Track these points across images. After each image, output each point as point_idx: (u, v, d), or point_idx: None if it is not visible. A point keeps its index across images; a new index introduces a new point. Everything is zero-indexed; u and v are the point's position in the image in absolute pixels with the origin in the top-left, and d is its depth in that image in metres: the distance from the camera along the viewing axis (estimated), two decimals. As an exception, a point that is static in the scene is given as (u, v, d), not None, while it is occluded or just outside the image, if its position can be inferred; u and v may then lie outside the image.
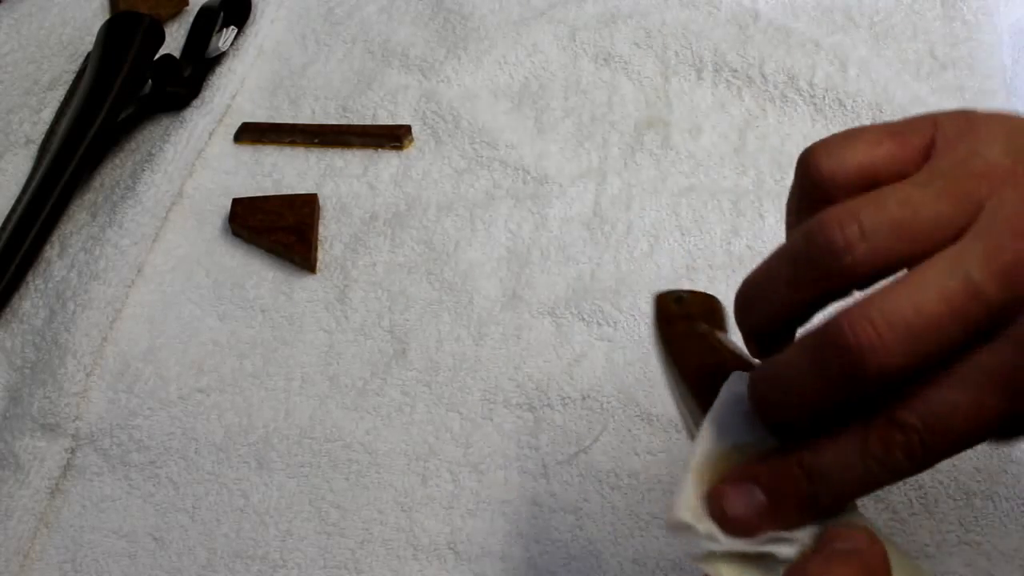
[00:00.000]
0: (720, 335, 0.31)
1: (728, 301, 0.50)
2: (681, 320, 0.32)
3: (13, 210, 0.55)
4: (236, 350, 0.50)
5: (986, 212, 0.24)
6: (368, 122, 0.60)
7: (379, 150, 0.59)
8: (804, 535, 0.25)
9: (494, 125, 0.59)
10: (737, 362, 0.30)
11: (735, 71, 0.60)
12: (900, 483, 0.43)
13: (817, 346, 0.24)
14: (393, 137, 0.58)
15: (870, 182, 0.26)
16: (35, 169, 0.58)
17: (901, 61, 0.60)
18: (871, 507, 0.43)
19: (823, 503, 0.25)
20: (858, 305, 0.24)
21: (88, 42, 0.65)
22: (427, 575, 0.43)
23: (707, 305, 0.32)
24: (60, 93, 0.63)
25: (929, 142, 0.26)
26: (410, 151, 0.58)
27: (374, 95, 0.61)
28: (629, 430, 0.46)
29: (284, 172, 0.58)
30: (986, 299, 0.23)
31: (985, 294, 0.23)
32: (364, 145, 0.59)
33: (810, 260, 0.25)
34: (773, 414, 0.26)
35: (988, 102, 0.57)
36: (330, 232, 0.55)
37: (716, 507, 0.26)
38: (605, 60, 0.62)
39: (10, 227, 0.54)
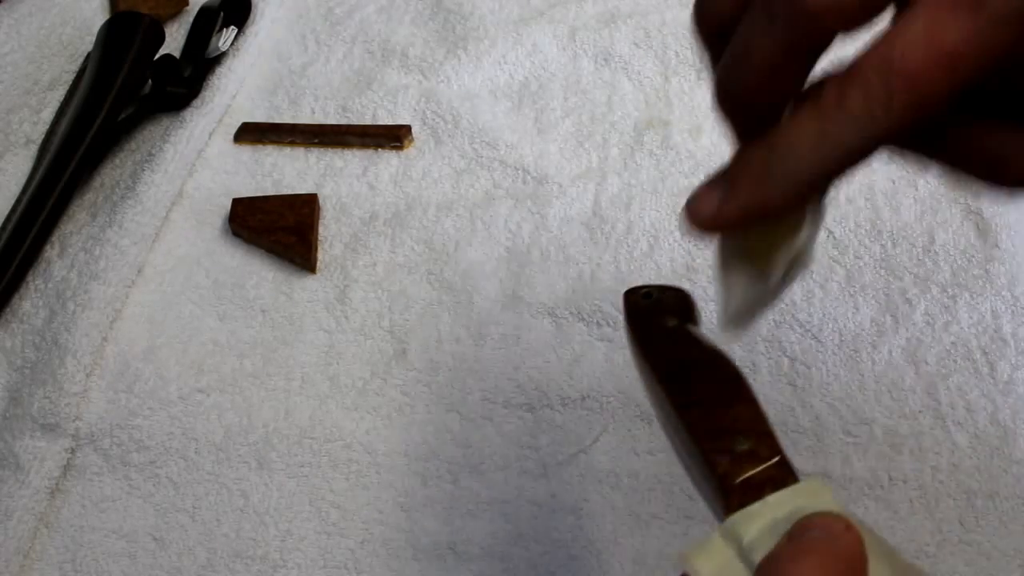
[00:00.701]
0: (691, 328, 0.31)
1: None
2: (651, 316, 0.32)
3: (13, 210, 0.55)
4: (236, 350, 0.50)
5: None
6: (368, 122, 0.60)
7: (379, 150, 0.59)
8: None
9: (494, 125, 0.59)
10: (707, 354, 0.30)
11: (735, 71, 0.60)
12: (900, 483, 0.43)
13: (766, 9, 0.22)
14: (393, 137, 0.58)
15: None
16: (35, 169, 0.58)
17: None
18: (872, 507, 0.43)
19: (782, 173, 0.23)
20: None
21: (88, 42, 0.65)
22: (427, 575, 0.43)
23: (677, 299, 0.32)
24: (60, 93, 0.63)
25: None
26: (410, 151, 0.58)
27: (374, 95, 0.61)
28: (629, 430, 0.46)
29: (284, 172, 0.58)
30: None
31: None
32: (364, 145, 0.59)
33: None
34: (736, 97, 0.24)
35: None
36: (330, 232, 0.55)
37: (688, 210, 0.25)
38: (605, 60, 0.62)
39: (10, 227, 0.54)
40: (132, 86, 0.60)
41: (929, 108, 0.21)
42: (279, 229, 0.54)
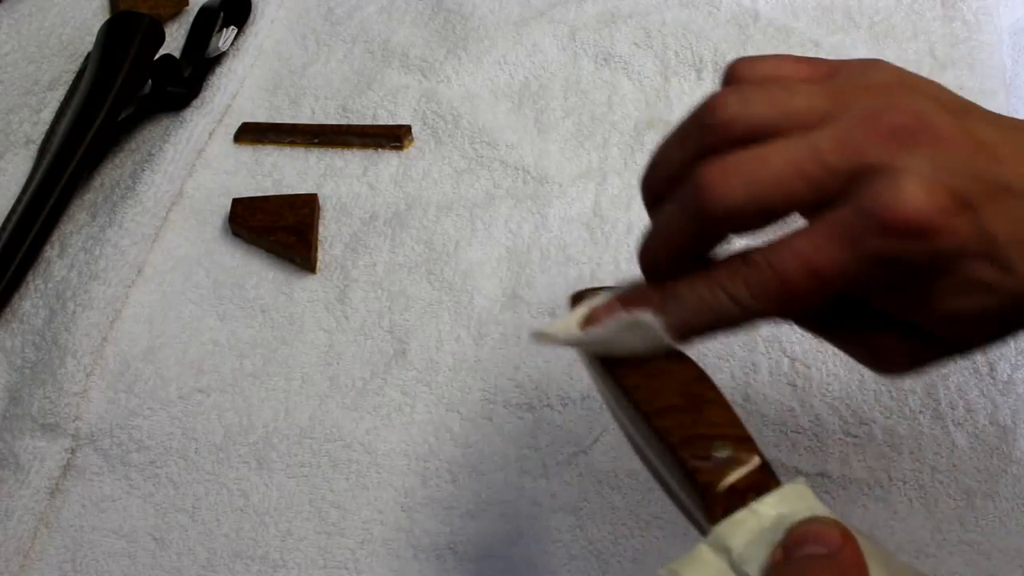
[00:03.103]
0: None
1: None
2: None
3: (13, 210, 0.55)
4: (236, 350, 0.50)
5: (852, 108, 0.27)
6: (368, 122, 0.60)
7: (379, 150, 0.59)
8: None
9: (494, 125, 0.59)
10: (668, 356, 0.30)
11: (735, 71, 0.60)
12: (900, 483, 0.43)
13: (682, 189, 0.27)
14: (393, 137, 0.58)
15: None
16: (35, 169, 0.58)
17: (901, 61, 0.59)
18: (871, 506, 0.43)
19: (670, 319, 0.28)
20: (719, 156, 0.27)
21: (88, 42, 0.65)
22: (427, 575, 0.43)
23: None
24: (60, 93, 0.63)
25: (835, 69, 0.29)
26: (410, 151, 0.58)
27: (374, 95, 0.61)
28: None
29: (284, 172, 0.58)
30: (827, 164, 0.26)
31: (827, 160, 0.26)
32: (364, 145, 0.59)
33: (694, 120, 0.28)
34: (651, 263, 0.29)
35: (988, 102, 0.56)
36: (330, 232, 0.55)
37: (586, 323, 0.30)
38: (605, 60, 0.62)
39: (10, 227, 0.54)
40: (132, 86, 0.60)
41: (795, 305, 0.26)
42: (279, 229, 0.54)
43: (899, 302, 0.28)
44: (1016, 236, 0.26)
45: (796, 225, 0.27)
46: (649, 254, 0.29)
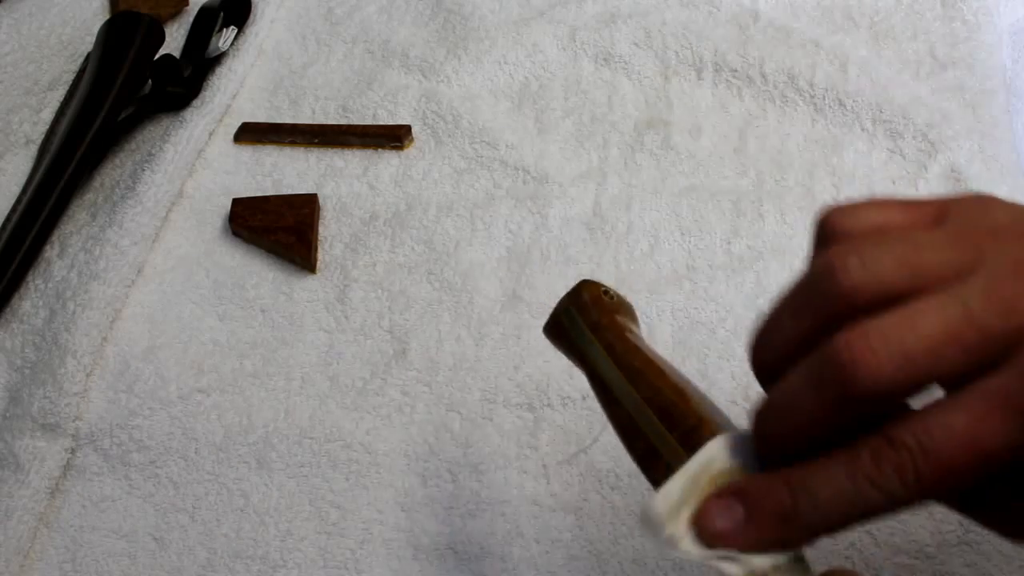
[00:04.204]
0: (640, 335, 0.32)
1: (730, 300, 0.50)
2: (611, 313, 0.32)
3: (13, 210, 0.55)
4: (236, 350, 0.50)
5: (989, 258, 0.24)
6: (368, 122, 0.60)
7: (379, 150, 0.59)
8: (764, 561, 0.25)
9: (494, 125, 0.59)
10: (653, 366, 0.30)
11: (735, 71, 0.60)
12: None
13: (814, 363, 0.24)
14: (393, 137, 0.58)
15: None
16: (35, 169, 0.58)
17: (901, 61, 0.60)
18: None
19: (804, 521, 0.24)
20: (857, 325, 0.24)
21: (88, 42, 0.65)
22: (427, 575, 0.43)
23: (626, 306, 0.33)
24: (60, 93, 0.63)
25: (943, 209, 0.27)
26: (410, 151, 0.58)
27: (374, 95, 0.61)
28: None
29: (284, 172, 0.58)
30: (984, 327, 0.23)
31: (983, 322, 0.23)
32: (364, 145, 0.59)
33: (811, 287, 0.25)
34: (772, 442, 0.26)
35: (988, 102, 0.57)
36: (330, 232, 0.55)
37: (698, 519, 0.26)
38: (605, 60, 0.62)
39: (10, 227, 0.54)
40: (132, 86, 0.60)
41: (953, 489, 0.23)
42: (279, 229, 0.54)
43: None
44: None
45: (935, 396, 0.24)
46: (775, 434, 0.26)
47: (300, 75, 0.63)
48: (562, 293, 0.51)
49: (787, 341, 0.26)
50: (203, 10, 0.65)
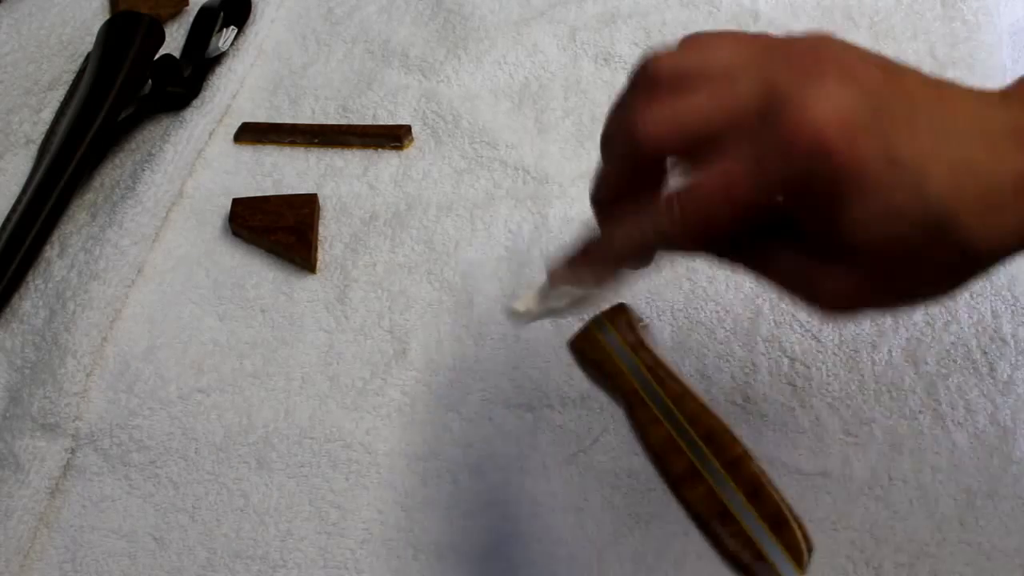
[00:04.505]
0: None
1: (730, 300, 0.50)
2: (646, 339, 0.34)
3: (13, 210, 0.55)
4: (236, 350, 0.50)
5: (777, 52, 0.29)
6: (368, 122, 0.60)
7: (379, 150, 0.59)
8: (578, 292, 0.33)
9: (494, 125, 0.59)
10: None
11: (735, 71, 0.60)
12: (900, 483, 0.43)
13: (616, 132, 0.31)
14: (393, 137, 0.58)
15: None
16: (35, 169, 0.58)
17: (901, 61, 0.60)
18: (871, 506, 0.43)
19: (612, 252, 0.32)
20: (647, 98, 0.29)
21: (88, 42, 0.66)
22: (427, 575, 0.43)
23: (652, 334, 0.35)
24: (60, 93, 0.63)
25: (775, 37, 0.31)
26: (410, 151, 0.58)
27: (374, 95, 0.61)
28: (629, 430, 0.46)
29: (284, 172, 0.58)
30: (742, 94, 0.28)
31: (742, 90, 0.28)
32: (364, 145, 0.59)
33: (631, 75, 0.31)
34: (595, 203, 0.33)
35: (988, 102, 0.57)
36: (330, 232, 0.55)
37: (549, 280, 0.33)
38: (605, 60, 0.62)
39: (10, 227, 0.54)
40: (132, 86, 0.60)
41: (715, 230, 0.28)
42: (279, 229, 0.54)
43: (821, 226, 0.28)
44: (928, 159, 0.26)
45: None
46: (596, 195, 0.33)
47: (300, 75, 0.63)
48: (562, 293, 0.51)
49: (614, 123, 0.32)
50: (203, 10, 0.65)
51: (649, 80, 0.30)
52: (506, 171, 0.56)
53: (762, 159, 0.27)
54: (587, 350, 0.34)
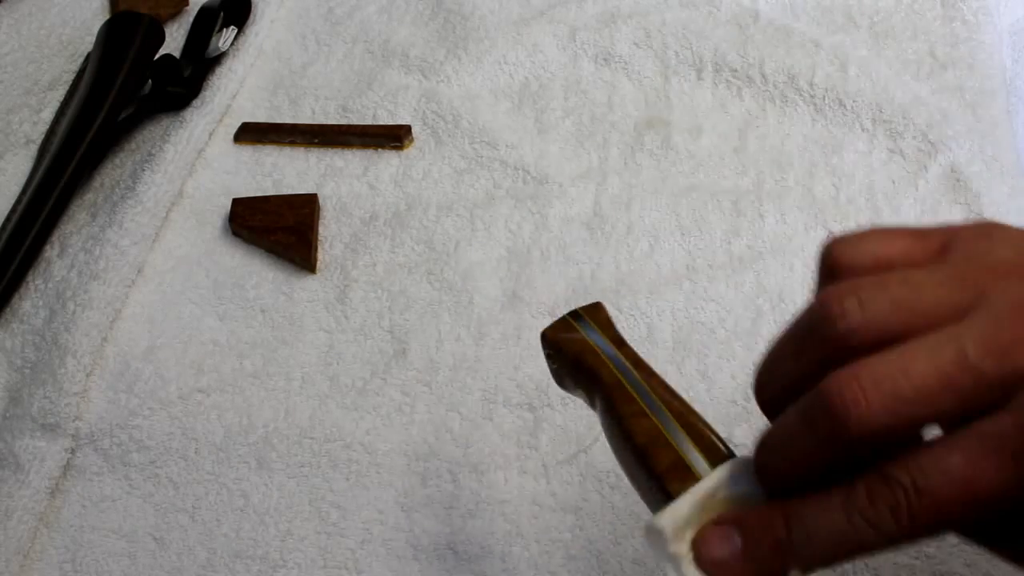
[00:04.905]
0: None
1: (730, 300, 0.50)
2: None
3: (13, 210, 0.55)
4: (236, 350, 0.50)
5: (989, 297, 0.24)
6: (368, 122, 0.60)
7: (379, 150, 0.59)
8: None
9: (494, 125, 0.59)
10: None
11: (735, 71, 0.60)
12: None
13: (808, 403, 0.25)
14: (393, 137, 0.58)
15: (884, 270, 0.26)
16: (35, 169, 0.58)
17: (901, 61, 0.60)
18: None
19: (798, 554, 0.25)
20: (850, 367, 0.24)
21: (88, 42, 0.65)
22: (427, 575, 0.43)
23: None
24: (60, 93, 0.63)
25: (946, 242, 0.26)
26: (410, 151, 0.58)
27: (374, 95, 0.61)
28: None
29: (284, 172, 0.58)
30: (980, 373, 0.23)
31: (978, 368, 0.23)
32: (364, 145, 0.59)
33: (810, 329, 0.25)
34: (771, 476, 0.26)
35: (988, 102, 0.57)
36: (330, 232, 0.55)
37: (697, 544, 0.26)
38: (605, 60, 0.62)
39: (10, 227, 0.54)
40: (132, 86, 0.60)
41: (947, 528, 0.23)
42: (279, 229, 0.54)
43: None
44: None
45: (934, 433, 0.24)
46: (773, 468, 0.26)
47: (300, 75, 0.63)
48: (562, 293, 0.51)
49: (787, 378, 0.26)
50: (203, 10, 0.65)
51: (840, 341, 0.25)
52: (506, 171, 0.56)
53: (1013, 450, 0.22)
54: (564, 342, 0.33)
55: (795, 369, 0.26)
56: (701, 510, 0.26)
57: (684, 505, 0.26)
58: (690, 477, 0.27)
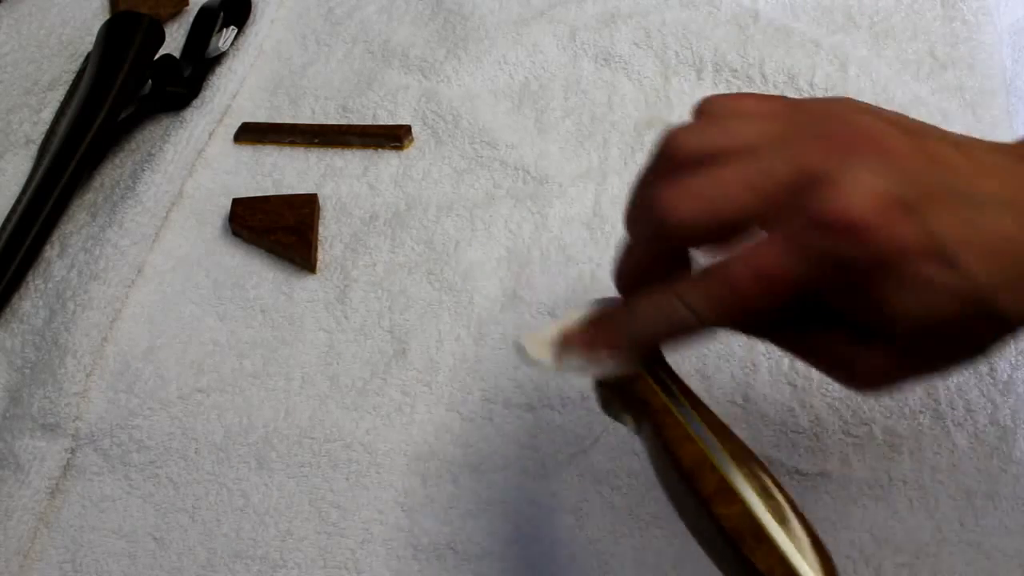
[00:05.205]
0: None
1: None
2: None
3: (13, 210, 0.55)
4: (236, 350, 0.50)
5: (803, 131, 0.28)
6: (368, 122, 0.60)
7: (379, 150, 0.59)
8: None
9: (494, 125, 0.59)
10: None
11: (735, 71, 0.60)
12: (900, 483, 0.43)
13: (642, 212, 0.30)
14: (393, 137, 0.58)
15: None
16: (35, 169, 0.58)
17: (901, 61, 0.60)
18: (871, 506, 0.43)
19: (632, 328, 0.31)
20: (672, 178, 0.29)
21: (88, 42, 0.65)
22: (427, 575, 0.43)
23: None
24: (60, 93, 0.63)
25: (796, 104, 0.30)
26: (410, 151, 0.58)
27: (374, 95, 0.61)
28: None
29: (284, 172, 0.58)
30: (774, 176, 0.27)
31: (773, 172, 0.27)
32: (364, 145, 0.59)
33: (654, 151, 0.31)
34: (619, 281, 0.32)
35: (988, 102, 0.57)
36: (330, 232, 0.55)
37: (563, 338, 0.32)
38: (605, 60, 0.62)
39: (10, 227, 0.54)
40: (132, 86, 0.60)
41: (750, 311, 0.28)
42: (279, 229, 0.54)
43: (857, 308, 0.28)
44: (965, 237, 0.26)
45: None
46: (620, 273, 0.32)
47: (300, 75, 0.63)
48: (562, 293, 0.51)
49: (639, 199, 0.31)
50: (203, 10, 0.65)
51: (671, 160, 0.29)
52: (506, 171, 0.56)
53: (796, 241, 0.27)
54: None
55: (644, 190, 0.31)
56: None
57: (551, 331, 0.32)
58: (736, 500, 0.28)
